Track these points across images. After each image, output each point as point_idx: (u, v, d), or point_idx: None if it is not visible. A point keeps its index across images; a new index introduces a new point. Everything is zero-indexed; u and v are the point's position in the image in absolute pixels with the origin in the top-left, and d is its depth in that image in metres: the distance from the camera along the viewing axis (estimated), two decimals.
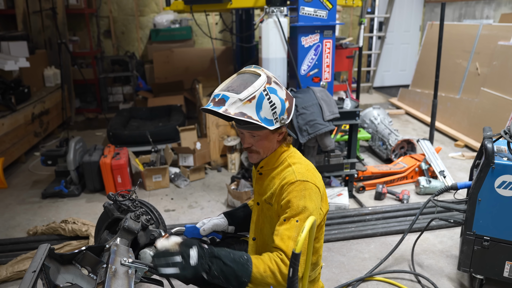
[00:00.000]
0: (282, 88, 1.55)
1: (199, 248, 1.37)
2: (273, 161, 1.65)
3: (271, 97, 1.49)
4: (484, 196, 2.26)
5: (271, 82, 1.51)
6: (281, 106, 1.52)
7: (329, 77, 3.60)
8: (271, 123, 1.51)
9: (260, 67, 1.57)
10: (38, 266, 1.34)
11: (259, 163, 1.69)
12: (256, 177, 1.74)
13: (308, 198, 1.50)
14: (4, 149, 4.32)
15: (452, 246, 2.99)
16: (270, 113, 1.50)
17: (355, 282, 2.61)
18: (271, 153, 1.65)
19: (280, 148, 1.65)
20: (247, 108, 1.46)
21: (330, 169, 3.62)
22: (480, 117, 5.00)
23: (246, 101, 1.45)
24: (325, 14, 3.40)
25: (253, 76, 1.52)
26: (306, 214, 1.48)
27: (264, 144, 1.61)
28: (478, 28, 5.45)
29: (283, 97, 1.53)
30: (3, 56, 4.92)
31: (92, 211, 3.60)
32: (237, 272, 1.36)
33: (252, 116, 1.47)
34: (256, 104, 1.47)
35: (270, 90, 1.50)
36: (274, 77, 1.56)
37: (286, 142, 1.67)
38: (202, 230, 1.81)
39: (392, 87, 8.16)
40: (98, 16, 7.04)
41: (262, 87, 1.48)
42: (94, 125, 6.36)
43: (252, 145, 1.62)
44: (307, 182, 1.53)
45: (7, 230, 3.34)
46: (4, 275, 2.62)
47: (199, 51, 7.08)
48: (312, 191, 1.52)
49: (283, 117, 1.54)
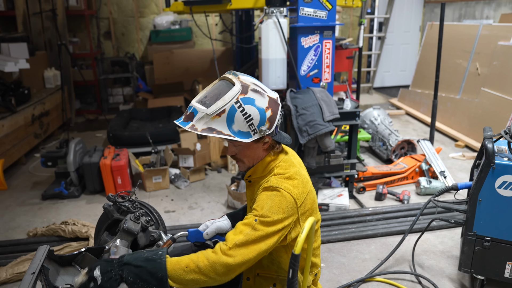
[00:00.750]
0: (263, 95, 1.45)
1: (102, 265, 1.34)
2: (260, 170, 1.58)
3: (245, 109, 1.40)
4: (484, 196, 2.25)
5: (246, 92, 1.42)
6: (259, 116, 1.42)
7: (329, 77, 3.59)
8: (247, 135, 1.44)
9: (238, 73, 1.48)
10: (37, 268, 1.34)
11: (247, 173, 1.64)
12: (246, 184, 1.70)
13: (277, 204, 1.43)
14: (4, 151, 4.31)
15: (453, 247, 2.98)
16: (245, 126, 1.42)
17: (356, 283, 2.60)
18: (257, 162, 1.58)
19: (267, 157, 1.57)
20: (216, 123, 1.39)
21: (330, 169, 3.62)
22: (481, 117, 4.99)
23: (215, 115, 1.38)
24: (325, 14, 3.40)
25: (227, 86, 1.43)
26: (268, 219, 1.40)
27: (247, 154, 1.54)
28: (478, 28, 5.45)
29: (262, 106, 1.43)
30: (3, 58, 4.92)
31: (92, 213, 3.60)
32: (150, 270, 1.31)
33: (223, 131, 1.40)
34: (227, 118, 1.39)
35: (245, 101, 1.40)
36: (255, 84, 1.46)
37: (274, 151, 1.59)
38: (205, 234, 1.75)
39: (392, 87, 8.16)
40: (98, 17, 7.05)
41: (234, 99, 1.39)
42: (94, 126, 6.36)
43: (236, 153, 1.57)
44: (280, 189, 1.45)
45: (7, 231, 3.33)
46: (4, 277, 2.62)
47: (199, 52, 7.08)
48: (283, 199, 1.44)
49: (262, 128, 1.44)
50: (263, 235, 1.38)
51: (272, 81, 3.55)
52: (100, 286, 1.30)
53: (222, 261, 1.34)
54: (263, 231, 1.38)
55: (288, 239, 1.47)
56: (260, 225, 1.39)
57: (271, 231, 1.39)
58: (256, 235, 1.37)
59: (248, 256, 1.35)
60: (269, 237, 1.39)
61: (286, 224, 1.43)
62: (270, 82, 3.56)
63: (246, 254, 1.35)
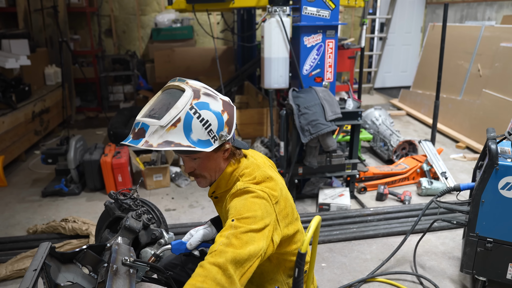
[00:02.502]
0: (216, 98, 1.34)
1: None
2: (224, 183, 1.47)
3: (202, 114, 1.28)
4: (487, 197, 2.24)
5: (199, 96, 1.30)
6: (217, 121, 1.31)
7: (331, 77, 3.58)
8: (207, 144, 1.31)
9: (185, 79, 1.35)
10: (39, 265, 1.32)
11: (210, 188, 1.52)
12: (213, 201, 1.59)
13: (249, 203, 1.32)
14: (4, 147, 4.30)
15: (455, 248, 2.98)
16: (204, 133, 1.30)
17: (357, 283, 2.59)
18: (219, 175, 1.46)
19: (229, 167, 1.45)
20: (173, 135, 1.25)
21: (332, 169, 3.61)
22: (482, 119, 4.99)
23: (170, 126, 1.25)
24: (328, 14, 3.39)
25: (177, 93, 1.31)
26: (246, 215, 1.29)
27: (207, 166, 1.41)
28: (480, 29, 5.44)
29: (218, 110, 1.32)
30: (4, 54, 4.91)
31: (92, 210, 3.59)
32: None
33: (181, 142, 1.26)
34: (184, 127, 1.26)
35: (200, 106, 1.28)
36: (205, 87, 1.36)
37: (236, 158, 1.46)
38: (188, 244, 1.58)
39: (393, 88, 8.15)
40: (99, 14, 7.03)
41: (187, 105, 1.26)
42: (95, 124, 6.35)
43: (195, 169, 1.43)
44: (249, 189, 1.36)
45: (6, 228, 3.32)
46: (3, 274, 2.61)
47: (201, 50, 7.07)
48: (255, 198, 1.34)
49: (222, 133, 1.33)
50: (244, 230, 1.25)
51: (274, 80, 3.54)
52: None
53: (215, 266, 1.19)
54: (244, 227, 1.25)
55: (274, 243, 1.34)
56: (238, 222, 1.27)
57: (253, 228, 1.26)
58: (237, 231, 1.24)
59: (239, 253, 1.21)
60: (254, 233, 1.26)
61: (267, 222, 1.30)
62: (272, 81, 3.55)
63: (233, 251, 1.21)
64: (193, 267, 1.81)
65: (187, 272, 1.83)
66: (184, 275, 1.82)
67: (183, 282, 1.79)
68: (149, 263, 1.49)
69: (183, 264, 1.84)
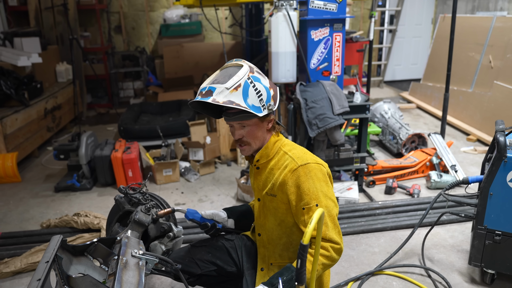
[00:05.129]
0: (265, 77, 1.61)
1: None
2: (268, 152, 1.67)
3: (256, 85, 1.54)
4: (496, 190, 2.23)
5: (253, 72, 1.57)
6: (266, 93, 1.57)
7: (339, 71, 3.58)
8: (259, 110, 1.55)
9: (241, 59, 1.62)
10: (51, 257, 1.36)
11: (254, 158, 1.70)
12: (254, 172, 1.75)
13: (315, 178, 1.56)
14: (18, 144, 4.39)
15: (463, 241, 2.97)
16: (257, 100, 1.54)
17: (365, 276, 2.60)
18: (263, 145, 1.67)
19: (272, 138, 1.68)
20: (234, 96, 1.50)
21: (340, 163, 3.61)
22: (493, 111, 4.93)
23: (233, 89, 1.50)
24: (335, 7, 3.38)
25: (236, 68, 1.57)
26: (321, 194, 1.55)
27: (254, 134, 1.63)
28: (492, 20, 5.36)
29: (267, 85, 1.59)
30: (16, 52, 4.99)
31: (103, 205, 3.65)
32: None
33: (240, 103, 1.51)
34: (243, 91, 1.51)
35: (254, 79, 1.55)
36: (256, 68, 1.62)
37: (276, 131, 1.69)
38: (203, 212, 1.86)
39: (403, 81, 8.07)
40: (108, 11, 7.09)
41: (246, 75, 1.53)
42: (105, 120, 6.43)
43: (243, 136, 1.64)
44: (309, 164, 1.58)
45: (21, 222, 3.40)
46: (18, 267, 2.68)
47: (209, 46, 7.08)
48: (317, 170, 1.58)
49: (270, 103, 1.59)
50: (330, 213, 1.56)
51: (282, 74, 3.55)
52: None
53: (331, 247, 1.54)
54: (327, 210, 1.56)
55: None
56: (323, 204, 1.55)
57: (332, 197, 1.59)
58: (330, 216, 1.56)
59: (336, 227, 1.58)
60: (332, 201, 1.59)
61: (328, 182, 1.61)
62: (280, 76, 3.55)
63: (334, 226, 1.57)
64: (202, 258, 1.85)
65: (197, 263, 1.86)
66: (194, 266, 1.86)
67: (193, 273, 1.85)
68: (158, 255, 1.53)
69: (192, 255, 1.88)
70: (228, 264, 1.89)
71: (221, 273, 1.89)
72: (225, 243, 1.92)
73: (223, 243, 1.92)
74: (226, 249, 1.90)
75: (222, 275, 1.90)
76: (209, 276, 1.88)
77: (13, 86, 4.52)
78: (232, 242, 1.92)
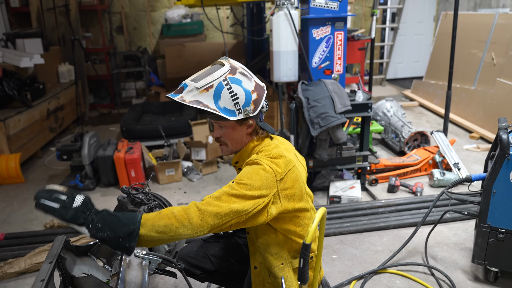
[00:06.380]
0: (250, 79, 1.53)
1: (87, 199, 1.31)
2: (245, 155, 1.62)
3: (232, 87, 1.47)
4: (499, 188, 2.23)
5: (235, 73, 1.50)
6: (245, 97, 1.49)
7: (340, 69, 3.57)
8: (232, 113, 1.49)
9: (228, 58, 1.57)
10: (55, 257, 1.37)
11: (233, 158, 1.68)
12: (236, 171, 1.73)
13: (254, 172, 1.45)
14: (21, 145, 4.41)
15: (467, 239, 2.96)
16: (231, 103, 1.48)
17: (368, 275, 2.60)
18: (242, 147, 1.62)
19: (251, 143, 1.61)
20: (203, 97, 1.46)
21: (343, 162, 3.61)
22: (496, 108, 4.91)
23: (203, 89, 1.46)
24: (337, 5, 3.37)
25: (218, 66, 1.52)
26: (245, 182, 1.42)
27: (231, 136, 1.58)
28: (494, 17, 5.34)
29: (249, 88, 1.51)
30: (19, 53, 5.01)
31: (106, 205, 3.66)
32: (123, 220, 1.30)
33: (209, 105, 1.46)
34: (214, 93, 1.46)
35: (232, 81, 1.48)
36: (243, 68, 1.54)
37: (258, 136, 1.62)
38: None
39: (405, 79, 8.06)
40: (110, 12, 7.10)
41: (222, 76, 1.47)
42: (108, 120, 6.44)
43: (221, 136, 1.60)
44: (260, 162, 1.48)
45: (25, 223, 3.42)
46: (22, 267, 2.69)
47: (211, 45, 7.08)
48: (262, 170, 1.45)
49: (248, 108, 1.50)
50: (238, 194, 1.39)
51: (283, 73, 3.54)
52: (69, 204, 1.26)
53: (196, 207, 1.37)
54: (238, 191, 1.40)
55: (268, 214, 1.45)
56: (236, 185, 1.42)
57: (247, 194, 1.40)
58: (231, 192, 1.40)
59: (221, 209, 1.36)
60: (244, 198, 1.39)
61: (264, 193, 1.42)
62: (281, 75, 3.55)
63: (219, 206, 1.36)
64: (216, 254, 1.85)
65: (210, 259, 1.87)
66: (207, 262, 1.87)
67: (206, 269, 1.84)
68: (161, 255, 1.53)
69: (206, 251, 1.89)
70: (241, 262, 1.88)
71: (233, 270, 1.89)
72: (238, 240, 1.92)
73: (236, 240, 1.92)
74: (240, 246, 1.90)
75: (234, 273, 1.90)
76: (221, 273, 1.88)
77: (16, 87, 4.54)
78: (245, 239, 1.91)
